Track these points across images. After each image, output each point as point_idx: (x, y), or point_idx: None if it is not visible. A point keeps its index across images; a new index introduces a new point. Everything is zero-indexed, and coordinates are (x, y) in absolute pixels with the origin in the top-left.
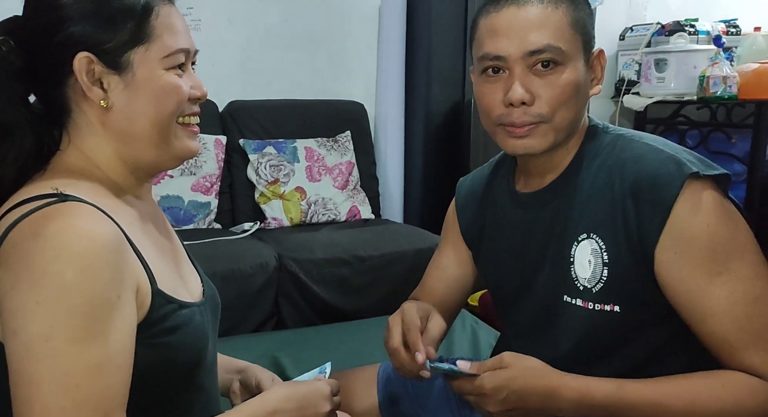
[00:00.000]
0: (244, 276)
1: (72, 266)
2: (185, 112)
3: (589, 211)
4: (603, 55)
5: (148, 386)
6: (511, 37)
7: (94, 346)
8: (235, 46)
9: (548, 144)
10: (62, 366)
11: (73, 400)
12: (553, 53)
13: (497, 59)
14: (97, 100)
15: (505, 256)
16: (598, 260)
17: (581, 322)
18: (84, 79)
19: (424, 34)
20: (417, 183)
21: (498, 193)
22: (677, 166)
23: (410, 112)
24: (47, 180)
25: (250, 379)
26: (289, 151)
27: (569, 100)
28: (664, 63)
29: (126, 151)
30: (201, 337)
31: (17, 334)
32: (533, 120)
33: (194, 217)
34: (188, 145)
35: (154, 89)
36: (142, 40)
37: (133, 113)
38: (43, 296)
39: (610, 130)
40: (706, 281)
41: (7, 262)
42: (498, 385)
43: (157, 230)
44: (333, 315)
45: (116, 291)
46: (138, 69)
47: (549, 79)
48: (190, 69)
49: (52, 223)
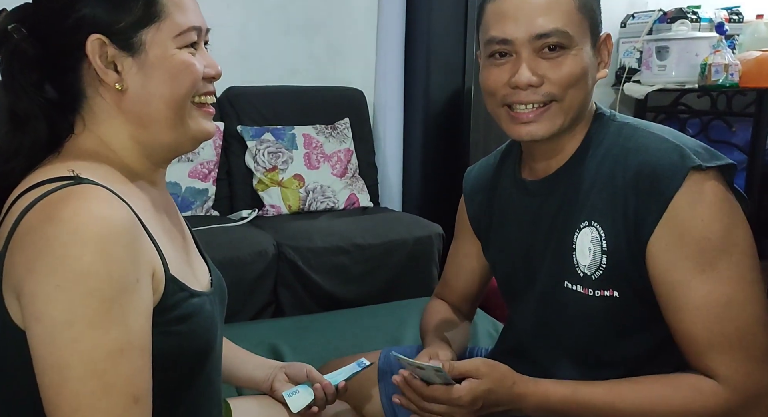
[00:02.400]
0: (243, 263)
1: (89, 250)
2: (200, 91)
3: (592, 199)
4: (610, 40)
5: (158, 375)
6: (519, 21)
7: (114, 330)
8: (233, 31)
9: (556, 127)
10: (86, 351)
11: (102, 385)
12: (560, 37)
13: (504, 43)
14: (111, 83)
15: (512, 244)
16: (597, 248)
17: (582, 308)
18: (98, 62)
19: (424, 21)
20: (416, 171)
21: (505, 182)
22: (681, 157)
23: (410, 100)
24: (62, 163)
25: (300, 370)
26: (287, 138)
27: (578, 82)
28: (665, 50)
29: (142, 134)
30: (211, 327)
31: (39, 320)
32: (543, 99)
33: (192, 204)
34: (204, 126)
35: (168, 69)
36: (153, 19)
37: (148, 95)
38: (61, 280)
39: (617, 119)
40: (689, 276)
41: (23, 245)
42: (476, 397)
43: (169, 218)
44: (332, 303)
45: (134, 274)
46: (151, 49)
47: (556, 61)
48: (203, 48)
49: (68, 205)
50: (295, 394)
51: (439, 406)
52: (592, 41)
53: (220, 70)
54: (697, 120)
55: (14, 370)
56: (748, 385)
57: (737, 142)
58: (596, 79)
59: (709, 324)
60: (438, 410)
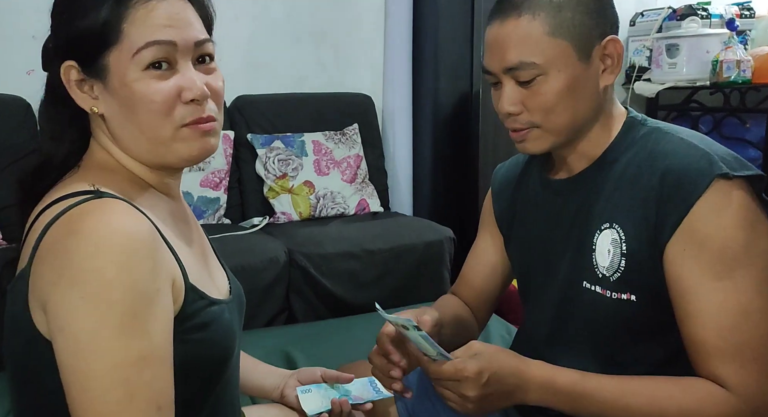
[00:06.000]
0: (255, 271)
1: (111, 262)
2: (185, 119)
3: (614, 201)
4: (614, 44)
5: (178, 383)
6: (494, 54)
7: (138, 340)
8: (242, 41)
9: (546, 146)
10: (111, 360)
11: (126, 393)
12: (527, 69)
13: (489, 73)
14: (86, 107)
15: (533, 241)
16: (617, 250)
17: (599, 309)
18: (71, 87)
19: (431, 25)
20: (426, 175)
21: (531, 179)
22: (708, 164)
23: (418, 104)
24: (82, 176)
25: (312, 374)
26: (296, 145)
27: (557, 105)
28: (675, 48)
29: (132, 153)
30: (230, 335)
31: (64, 331)
32: (524, 127)
33: (204, 212)
34: (194, 148)
35: (127, 99)
36: (113, 41)
37: (122, 121)
38: (85, 292)
39: (648, 123)
40: (705, 282)
41: (47, 258)
42: (481, 368)
43: (187, 227)
44: (344, 309)
45: (155, 285)
46: (113, 73)
47: (533, 89)
48: (186, 65)
49: (89, 219)
50: (308, 393)
51: (446, 382)
52: (581, 55)
53: (203, 90)
54: (710, 117)
55: (42, 380)
56: (758, 397)
57: (751, 138)
58: (599, 87)
59: (722, 332)
60: (446, 386)
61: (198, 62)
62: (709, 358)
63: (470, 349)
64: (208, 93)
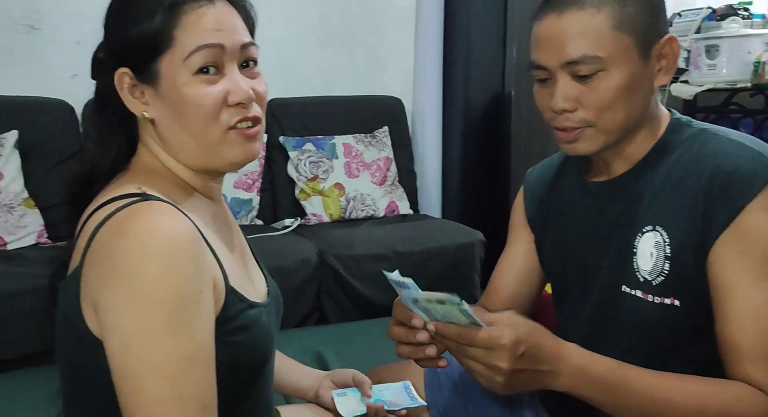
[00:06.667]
0: (287, 271)
1: (156, 263)
2: (231, 121)
3: (658, 203)
4: (673, 43)
5: (217, 384)
6: (550, 48)
7: (183, 340)
8: (274, 45)
9: (597, 146)
10: (158, 359)
11: (174, 392)
12: (590, 63)
13: (540, 69)
14: (138, 113)
15: (569, 244)
16: (660, 253)
17: (640, 315)
18: (124, 93)
19: (462, 27)
20: (456, 177)
21: (567, 182)
22: (762, 166)
23: (448, 106)
24: (130, 179)
25: (346, 375)
26: (327, 148)
27: (614, 103)
28: (715, 49)
29: (179, 157)
30: (268, 338)
31: (114, 330)
32: (577, 125)
33: (237, 213)
34: (239, 152)
35: (176, 102)
36: (166, 46)
37: (173, 124)
38: (132, 292)
39: (694, 125)
40: (749, 283)
41: (97, 259)
42: (518, 338)
43: (228, 231)
44: (374, 310)
45: (198, 286)
46: (164, 78)
47: (591, 85)
48: (233, 68)
49: (135, 221)
50: (344, 396)
51: (477, 351)
52: (642, 52)
53: (248, 94)
54: (750, 119)
55: (92, 377)
56: None
57: None
58: (654, 88)
59: (760, 335)
60: (476, 355)
61: (243, 67)
62: (742, 360)
63: (509, 318)
64: (253, 96)
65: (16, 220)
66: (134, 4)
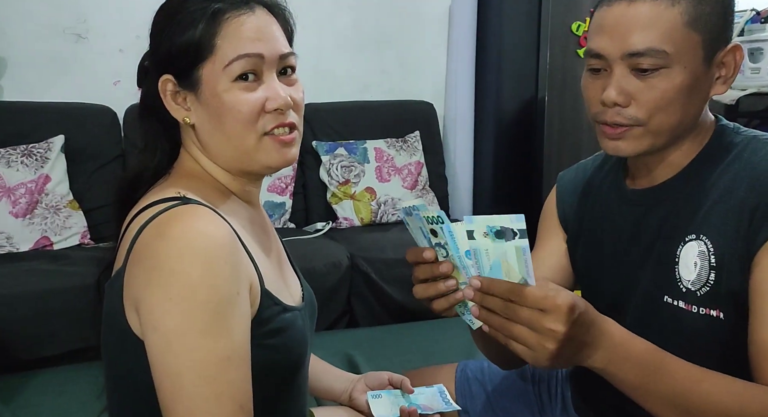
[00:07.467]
0: (318, 274)
1: (196, 265)
2: (267, 127)
3: (703, 212)
4: (737, 51)
5: (253, 386)
6: (614, 36)
7: (222, 340)
8: (307, 50)
9: (642, 148)
10: (199, 358)
11: (213, 391)
12: (654, 57)
13: (598, 57)
14: (180, 118)
15: (606, 255)
16: (704, 263)
17: (682, 326)
18: (167, 99)
19: (495, 32)
20: (486, 182)
21: (603, 188)
22: None
23: (480, 111)
24: (172, 183)
25: (379, 378)
26: (359, 152)
27: (671, 104)
28: (759, 52)
29: (218, 161)
30: (302, 342)
31: (156, 330)
32: (626, 122)
33: (270, 216)
34: (274, 158)
35: (216, 108)
36: (207, 54)
37: (212, 130)
38: (173, 293)
39: (742, 132)
40: None
41: (140, 260)
42: (575, 302)
43: (264, 234)
44: (404, 314)
45: (236, 288)
46: (205, 85)
47: (650, 82)
48: (271, 76)
49: (176, 224)
50: (379, 399)
51: (530, 312)
52: (707, 55)
53: (286, 100)
54: None
55: (134, 375)
56: None
57: None
58: (709, 95)
59: None
60: (528, 316)
61: (281, 74)
62: None
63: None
64: (291, 103)
65: (62, 221)
66: (179, 14)
